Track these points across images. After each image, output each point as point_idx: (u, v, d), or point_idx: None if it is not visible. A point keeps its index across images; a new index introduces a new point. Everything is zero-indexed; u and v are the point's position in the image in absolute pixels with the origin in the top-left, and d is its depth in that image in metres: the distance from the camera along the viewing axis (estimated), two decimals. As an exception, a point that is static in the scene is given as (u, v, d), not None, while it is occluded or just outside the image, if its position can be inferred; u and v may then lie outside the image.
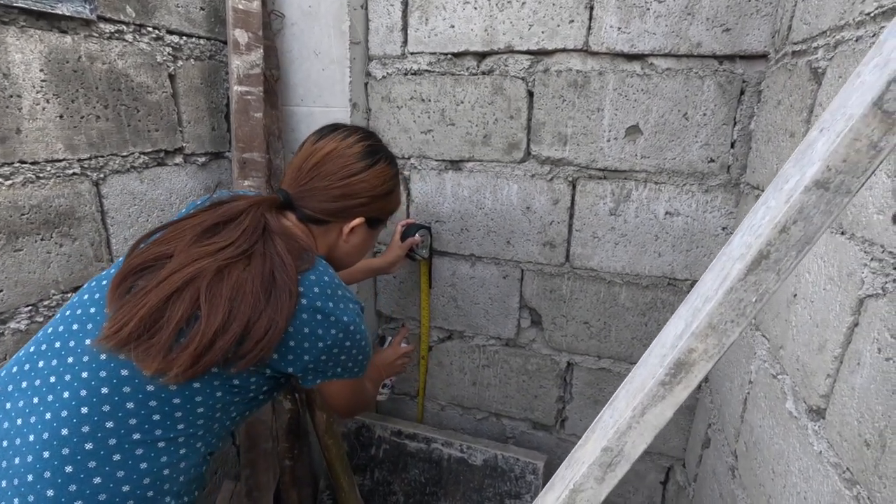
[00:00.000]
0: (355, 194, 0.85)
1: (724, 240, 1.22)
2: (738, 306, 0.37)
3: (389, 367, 1.20)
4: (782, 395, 0.79)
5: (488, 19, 1.25)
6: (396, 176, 0.93)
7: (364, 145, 0.87)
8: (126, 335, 0.64)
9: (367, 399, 0.96)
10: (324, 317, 0.73)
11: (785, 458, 0.75)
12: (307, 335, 0.72)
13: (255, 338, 0.67)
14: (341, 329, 0.75)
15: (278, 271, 0.71)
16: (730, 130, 1.15)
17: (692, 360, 0.39)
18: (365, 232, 0.91)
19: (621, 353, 1.38)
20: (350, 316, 0.76)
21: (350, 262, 0.95)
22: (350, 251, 0.92)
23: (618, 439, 0.42)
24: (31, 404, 0.65)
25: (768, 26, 1.07)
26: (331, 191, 0.83)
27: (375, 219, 0.92)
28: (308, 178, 0.83)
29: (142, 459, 0.65)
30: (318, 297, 0.73)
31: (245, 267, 0.71)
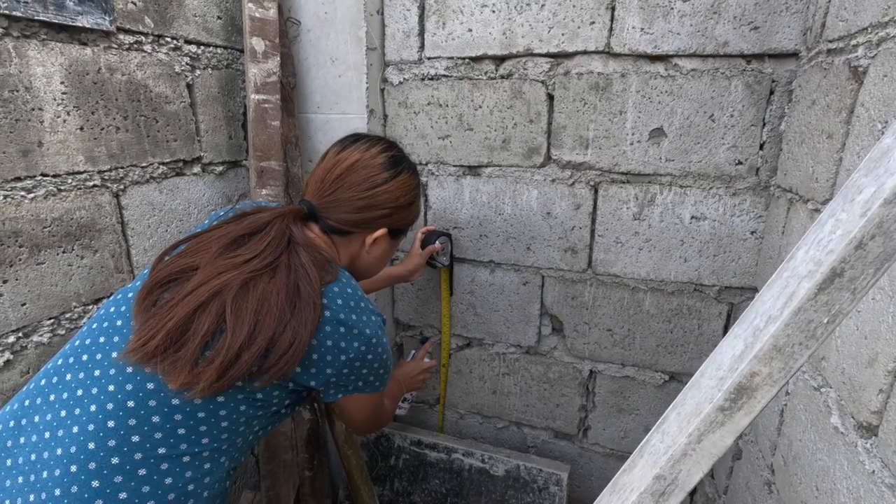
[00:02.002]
0: (379, 205, 0.85)
1: (753, 244, 1.18)
2: (807, 328, 0.34)
3: (411, 381, 1.18)
4: (826, 408, 0.75)
5: (506, 22, 1.23)
6: (419, 186, 0.93)
7: (388, 156, 0.86)
8: (153, 348, 0.63)
9: (386, 416, 0.94)
10: (347, 329, 0.72)
11: (830, 475, 0.72)
12: (330, 348, 0.72)
13: (279, 351, 0.67)
14: (364, 342, 0.74)
15: (303, 283, 0.71)
16: (758, 132, 1.12)
17: (755, 384, 0.36)
18: (387, 242, 0.91)
19: (646, 361, 1.35)
20: (373, 328, 0.76)
21: (372, 272, 0.95)
22: (372, 262, 0.92)
23: (671, 467, 0.40)
24: (58, 417, 0.64)
25: (799, 24, 1.03)
26: (355, 202, 0.83)
27: (397, 229, 0.91)
28: (332, 189, 0.83)
29: (167, 474, 0.64)
30: (341, 308, 0.73)
31: (270, 279, 0.70)
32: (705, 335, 1.28)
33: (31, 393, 0.68)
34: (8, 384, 0.86)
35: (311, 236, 0.81)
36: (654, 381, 1.36)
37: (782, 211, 1.05)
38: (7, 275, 0.84)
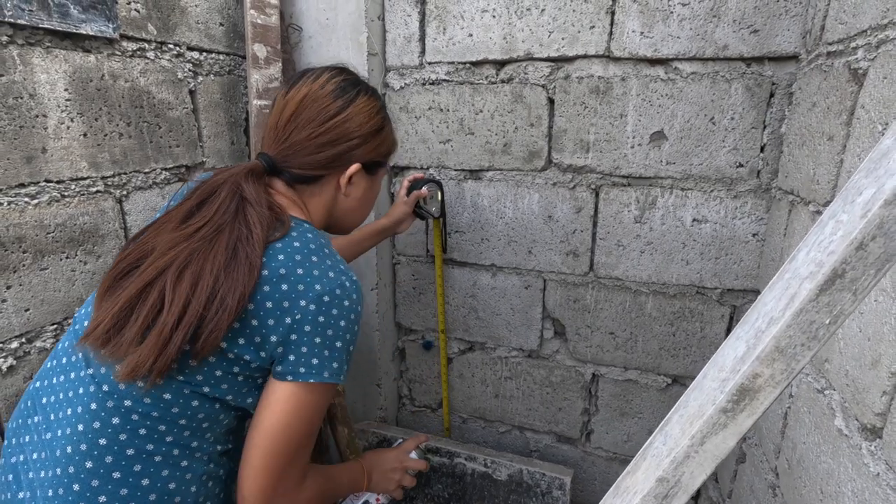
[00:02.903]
0: (342, 137, 0.75)
1: (755, 246, 1.18)
2: (808, 329, 0.34)
3: (382, 476, 0.93)
4: (829, 411, 0.75)
5: (507, 27, 1.24)
6: (383, 109, 0.83)
7: (338, 82, 0.77)
8: (101, 333, 0.61)
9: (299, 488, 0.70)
10: (290, 286, 0.64)
11: (835, 478, 0.71)
12: (271, 310, 0.63)
13: (208, 323, 0.61)
14: (314, 299, 0.64)
15: (242, 244, 0.64)
16: (759, 134, 1.12)
17: (757, 385, 0.36)
18: (364, 180, 0.82)
19: (649, 364, 1.35)
20: (328, 285, 0.65)
21: (356, 218, 0.86)
22: (353, 206, 0.83)
23: (674, 469, 0.40)
24: (49, 420, 0.66)
25: (798, 27, 1.04)
26: (314, 140, 0.74)
27: (372, 162, 0.82)
28: (286, 133, 0.74)
29: (142, 476, 0.63)
30: (283, 264, 0.65)
31: (212, 247, 0.64)
32: (708, 338, 1.28)
33: (31, 394, 0.70)
34: (11, 389, 0.86)
35: (266, 193, 0.72)
36: (657, 384, 1.35)
37: (784, 213, 1.05)
38: (11, 280, 0.84)
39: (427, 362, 1.60)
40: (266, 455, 0.64)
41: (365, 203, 0.85)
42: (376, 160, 0.83)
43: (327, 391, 0.67)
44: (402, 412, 1.69)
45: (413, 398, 1.66)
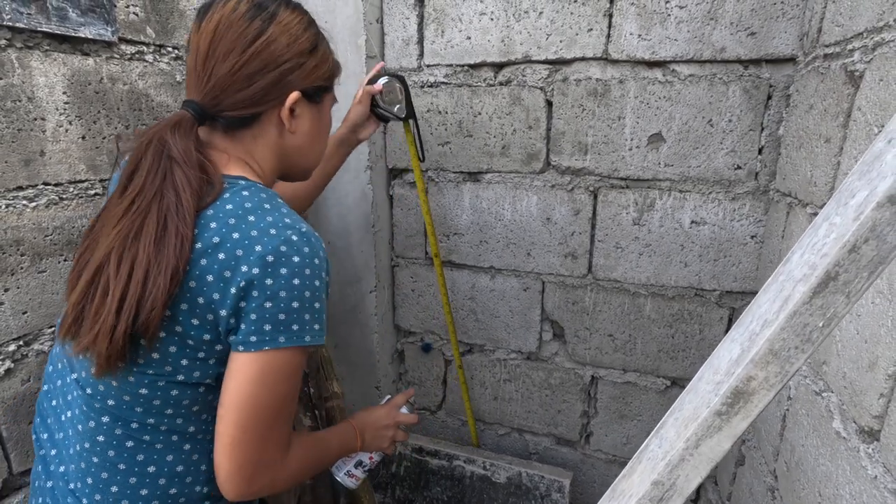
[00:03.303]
0: (270, 63, 0.66)
1: (753, 248, 1.18)
2: (802, 331, 0.34)
3: (374, 434, 0.88)
4: (827, 413, 0.75)
5: (505, 30, 1.24)
6: (313, 25, 0.73)
7: (251, 1, 0.67)
8: (67, 326, 0.60)
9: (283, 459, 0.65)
10: (227, 254, 0.59)
11: (833, 481, 0.71)
12: (213, 284, 0.59)
13: (144, 304, 0.57)
14: (255, 262, 0.58)
15: (171, 215, 0.59)
16: (757, 136, 1.12)
17: (751, 388, 0.36)
18: (309, 111, 0.73)
19: (647, 366, 1.35)
20: (270, 244, 0.59)
21: (311, 156, 0.78)
22: (303, 143, 0.74)
23: (669, 472, 0.40)
24: (59, 421, 0.69)
25: (795, 29, 1.04)
26: (240, 72, 0.65)
27: (313, 88, 0.72)
28: (207, 71, 0.65)
29: (146, 464, 0.64)
30: (215, 232, 0.60)
31: (144, 222, 0.60)
32: (707, 340, 1.27)
33: (46, 395, 0.72)
34: (8, 392, 0.86)
35: (198, 149, 0.65)
36: (656, 386, 1.35)
37: (782, 215, 1.05)
38: (8, 283, 0.84)
39: (426, 365, 1.60)
40: (235, 429, 0.60)
41: (316, 138, 0.76)
42: (318, 85, 0.72)
43: (291, 356, 0.61)
44: (401, 415, 1.69)
45: (412, 401, 1.65)
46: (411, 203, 1.47)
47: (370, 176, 1.38)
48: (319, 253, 0.63)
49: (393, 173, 1.47)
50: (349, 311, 1.50)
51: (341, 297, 1.50)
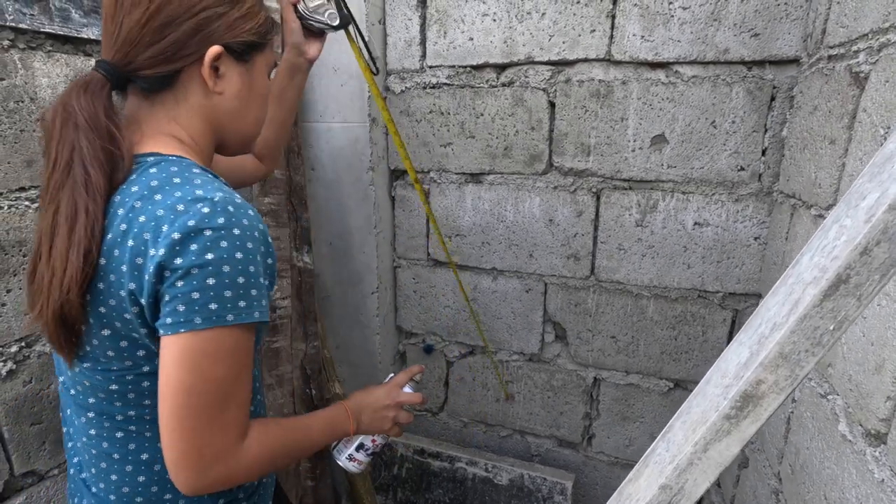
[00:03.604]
0: (183, 12, 0.59)
1: (756, 250, 1.18)
2: (812, 335, 0.34)
3: (373, 415, 0.80)
4: (833, 416, 0.74)
5: (507, 31, 1.24)
6: None
7: None
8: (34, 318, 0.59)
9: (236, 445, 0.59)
10: (136, 240, 0.55)
11: (839, 484, 0.71)
12: (128, 273, 0.55)
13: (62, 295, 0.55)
14: (164, 244, 0.53)
15: (79, 193, 0.55)
16: (760, 138, 1.12)
17: (761, 392, 0.36)
18: (237, 70, 0.65)
19: (650, 368, 1.34)
20: (177, 221, 0.53)
21: (246, 122, 0.69)
22: (235, 107, 0.66)
23: (677, 476, 0.39)
24: (66, 415, 0.71)
25: (799, 30, 1.04)
26: (149, 24, 0.58)
27: (239, 44, 0.64)
28: (116, 24, 0.59)
29: (139, 452, 0.64)
30: (122, 218, 0.55)
31: (58, 202, 0.56)
32: (710, 342, 1.27)
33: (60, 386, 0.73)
34: (10, 394, 0.86)
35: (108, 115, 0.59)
36: (659, 388, 1.35)
37: (786, 217, 1.05)
38: (11, 284, 0.84)
39: (428, 366, 1.59)
40: (170, 417, 0.56)
41: (250, 102, 0.68)
42: (245, 41, 0.64)
43: (215, 337, 0.55)
44: (403, 416, 1.68)
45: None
46: (413, 204, 1.46)
47: (372, 177, 1.37)
48: (242, 222, 0.56)
49: (395, 174, 1.47)
50: (351, 312, 1.50)
51: (343, 298, 1.50)
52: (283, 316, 1.28)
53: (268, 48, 0.69)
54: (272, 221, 1.26)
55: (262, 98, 0.71)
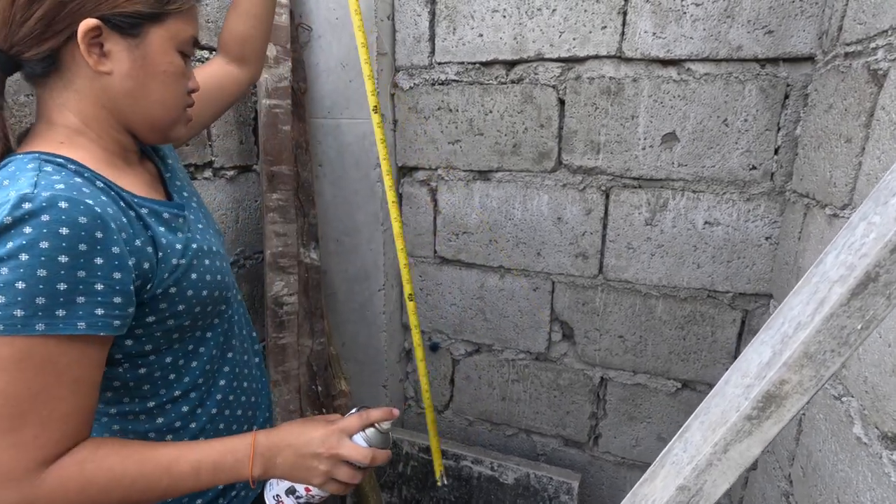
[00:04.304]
0: None
1: (767, 250, 1.16)
2: (839, 334, 0.33)
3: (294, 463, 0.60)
4: (847, 418, 0.73)
5: (517, 27, 1.23)
6: None
7: None
8: None
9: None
10: None
11: (853, 487, 0.70)
12: None
13: None
14: None
15: None
16: (773, 136, 1.10)
17: (784, 392, 0.35)
18: (126, 46, 0.56)
19: (658, 368, 1.33)
20: None
21: (150, 107, 0.61)
22: (131, 89, 0.58)
23: (696, 477, 0.38)
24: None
25: (814, 27, 1.02)
26: (17, 1, 0.53)
27: (123, 17, 0.55)
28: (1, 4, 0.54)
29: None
30: None
31: None
32: (719, 342, 1.26)
33: None
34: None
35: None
36: (667, 388, 1.34)
37: (798, 216, 1.03)
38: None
39: (433, 364, 1.59)
40: None
41: (149, 81, 0.59)
42: (131, 13, 0.56)
43: (17, 347, 0.48)
44: (408, 413, 1.68)
45: (419, 400, 1.65)
46: (420, 202, 1.46)
47: (379, 174, 1.37)
48: (73, 219, 0.49)
49: (402, 171, 1.47)
50: (357, 309, 1.50)
51: (349, 294, 1.49)
52: (289, 312, 1.27)
53: (171, 20, 0.59)
54: (280, 217, 1.26)
55: (165, 77, 0.61)
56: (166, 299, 0.60)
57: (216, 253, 0.69)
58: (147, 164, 0.70)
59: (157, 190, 0.67)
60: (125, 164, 0.63)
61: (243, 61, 0.88)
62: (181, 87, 0.64)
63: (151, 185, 0.67)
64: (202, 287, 0.64)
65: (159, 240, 0.59)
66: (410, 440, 1.49)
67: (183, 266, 0.61)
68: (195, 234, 0.67)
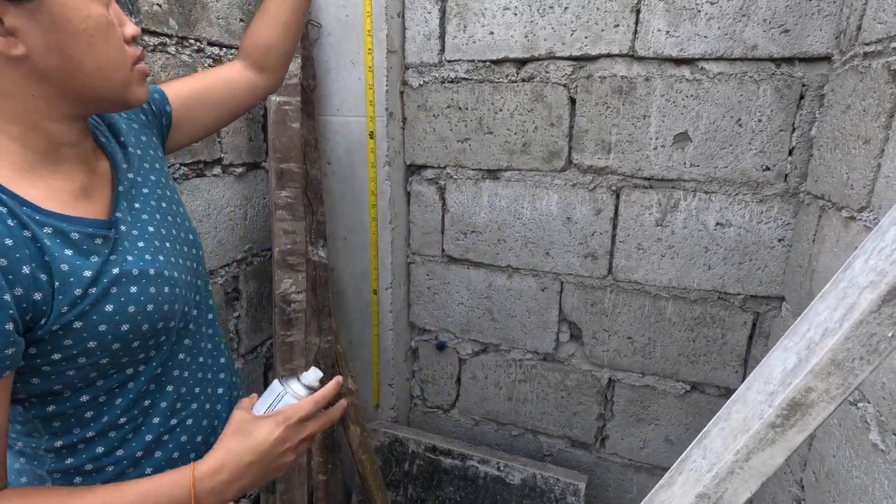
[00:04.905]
0: None
1: (780, 252, 1.15)
2: (868, 342, 0.32)
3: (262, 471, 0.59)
4: (863, 424, 0.72)
5: (529, 25, 1.22)
6: None
7: None
8: None
9: None
10: None
11: (869, 495, 0.69)
12: None
13: None
14: None
15: None
16: (788, 137, 1.09)
17: (810, 400, 0.34)
18: (26, 17, 0.47)
19: (667, 370, 1.32)
20: None
21: (90, 71, 0.51)
22: (59, 64, 0.50)
23: (717, 485, 0.38)
24: None
25: (831, 27, 1.01)
26: None
27: None
28: None
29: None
30: None
31: None
32: (729, 345, 1.25)
33: None
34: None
35: None
36: (675, 390, 1.33)
37: (813, 218, 1.02)
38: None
39: (440, 363, 1.58)
40: None
41: (71, 47, 0.49)
42: None
43: None
44: (414, 412, 1.68)
45: (425, 398, 1.65)
46: (429, 200, 1.45)
47: (388, 172, 1.36)
48: None
49: (411, 169, 1.46)
50: (364, 307, 1.49)
51: (356, 293, 1.49)
52: (297, 310, 1.27)
53: None
54: (289, 215, 1.25)
55: (88, 36, 0.50)
56: (70, 335, 0.50)
57: (160, 277, 0.57)
58: (97, 161, 0.59)
59: (90, 198, 0.56)
60: (53, 165, 0.53)
61: (264, 69, 0.84)
62: (114, 42, 0.52)
63: (85, 192, 0.55)
64: (123, 321, 0.53)
65: (57, 266, 0.49)
66: (416, 439, 1.49)
67: (92, 296, 0.51)
68: (126, 256, 0.55)
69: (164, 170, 0.68)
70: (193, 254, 0.67)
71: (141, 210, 0.61)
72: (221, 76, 0.79)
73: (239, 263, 1.30)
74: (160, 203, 0.64)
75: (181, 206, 0.69)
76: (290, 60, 0.89)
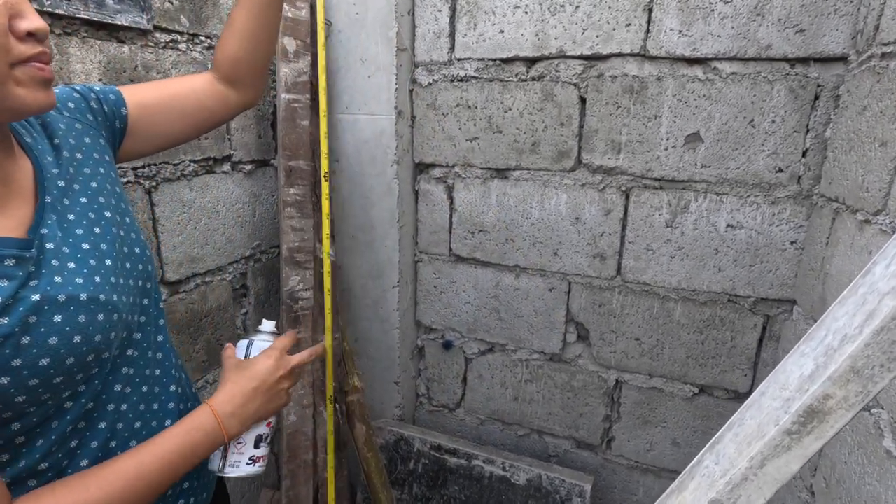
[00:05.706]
0: None
1: (792, 255, 1.14)
2: (889, 349, 0.32)
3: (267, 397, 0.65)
4: (877, 430, 0.71)
5: (539, 24, 1.21)
6: None
7: None
8: None
9: None
10: None
11: (882, 502, 0.68)
12: None
13: None
14: None
15: None
16: (801, 138, 1.08)
17: (828, 407, 0.34)
18: None
19: (675, 372, 1.31)
20: None
21: None
22: None
23: (730, 492, 0.37)
24: None
25: (848, 27, 0.99)
26: None
27: None
28: None
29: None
30: None
31: None
32: (738, 348, 1.23)
33: None
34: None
35: None
36: (683, 393, 1.32)
37: (826, 221, 1.01)
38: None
39: (446, 362, 1.58)
40: None
41: None
42: None
43: None
44: (420, 411, 1.68)
45: (431, 397, 1.65)
46: (437, 199, 1.45)
47: (396, 170, 1.36)
48: None
49: (419, 168, 1.46)
50: (371, 305, 1.50)
51: (363, 290, 1.49)
52: (305, 308, 1.28)
53: None
54: (297, 212, 1.26)
55: None
56: None
57: (94, 302, 0.50)
58: (15, 169, 0.50)
59: (2, 213, 0.48)
60: None
61: (235, 83, 0.77)
62: None
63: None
64: (42, 354, 0.46)
65: None
66: (422, 438, 1.49)
67: (3, 328, 0.44)
68: (52, 279, 0.48)
69: (112, 175, 0.61)
70: (140, 270, 0.59)
71: (75, 223, 0.53)
72: (190, 86, 0.73)
73: (247, 260, 1.30)
74: (102, 213, 0.56)
75: (128, 216, 0.61)
76: (265, 75, 0.82)
